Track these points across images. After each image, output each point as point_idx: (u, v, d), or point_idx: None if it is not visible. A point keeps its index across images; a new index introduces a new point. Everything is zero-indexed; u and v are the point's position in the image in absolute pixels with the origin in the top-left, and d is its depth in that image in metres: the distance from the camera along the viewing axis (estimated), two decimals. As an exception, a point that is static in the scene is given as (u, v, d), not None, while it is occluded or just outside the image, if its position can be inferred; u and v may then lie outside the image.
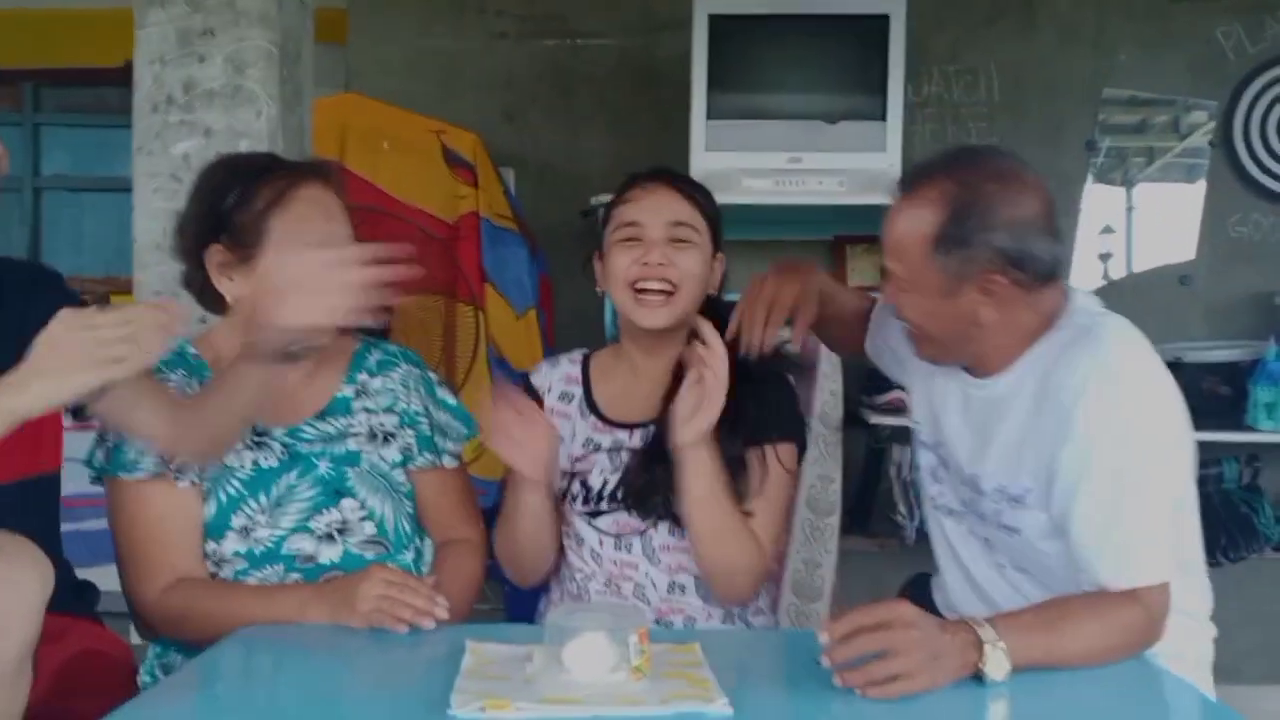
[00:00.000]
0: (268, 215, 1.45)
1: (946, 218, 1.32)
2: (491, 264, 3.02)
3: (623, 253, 1.56)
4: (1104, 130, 3.34)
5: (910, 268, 1.36)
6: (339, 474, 1.52)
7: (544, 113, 3.46)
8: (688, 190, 1.60)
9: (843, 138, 2.88)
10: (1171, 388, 1.36)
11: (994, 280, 1.33)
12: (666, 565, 1.56)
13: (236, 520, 1.47)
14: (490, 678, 1.13)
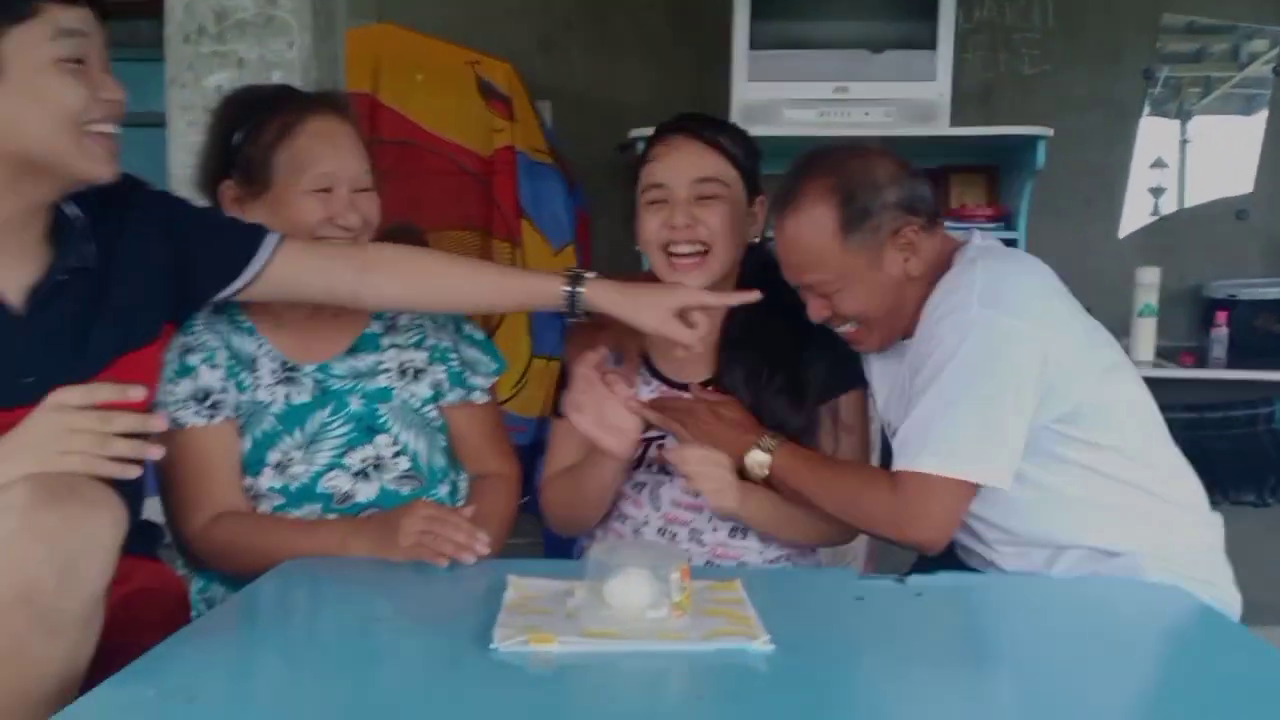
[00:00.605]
0: (274, 149, 1.44)
1: (840, 202, 1.40)
2: (528, 199, 2.98)
3: (651, 215, 1.53)
4: (1161, 59, 3.21)
5: (831, 268, 1.42)
6: (371, 410, 1.52)
7: (581, 42, 3.39)
8: (713, 139, 1.53)
9: (890, 66, 2.78)
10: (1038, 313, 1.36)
11: (904, 233, 1.41)
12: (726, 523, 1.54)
13: (272, 456, 1.48)
14: (532, 612, 1.13)
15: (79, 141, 1.18)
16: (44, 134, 1.16)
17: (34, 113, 1.15)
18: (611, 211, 3.28)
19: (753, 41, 2.80)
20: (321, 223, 1.45)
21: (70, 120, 1.17)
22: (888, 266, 1.42)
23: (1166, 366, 2.78)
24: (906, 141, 2.81)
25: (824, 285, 1.44)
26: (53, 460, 1.04)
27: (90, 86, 1.17)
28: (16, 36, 1.13)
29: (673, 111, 2.29)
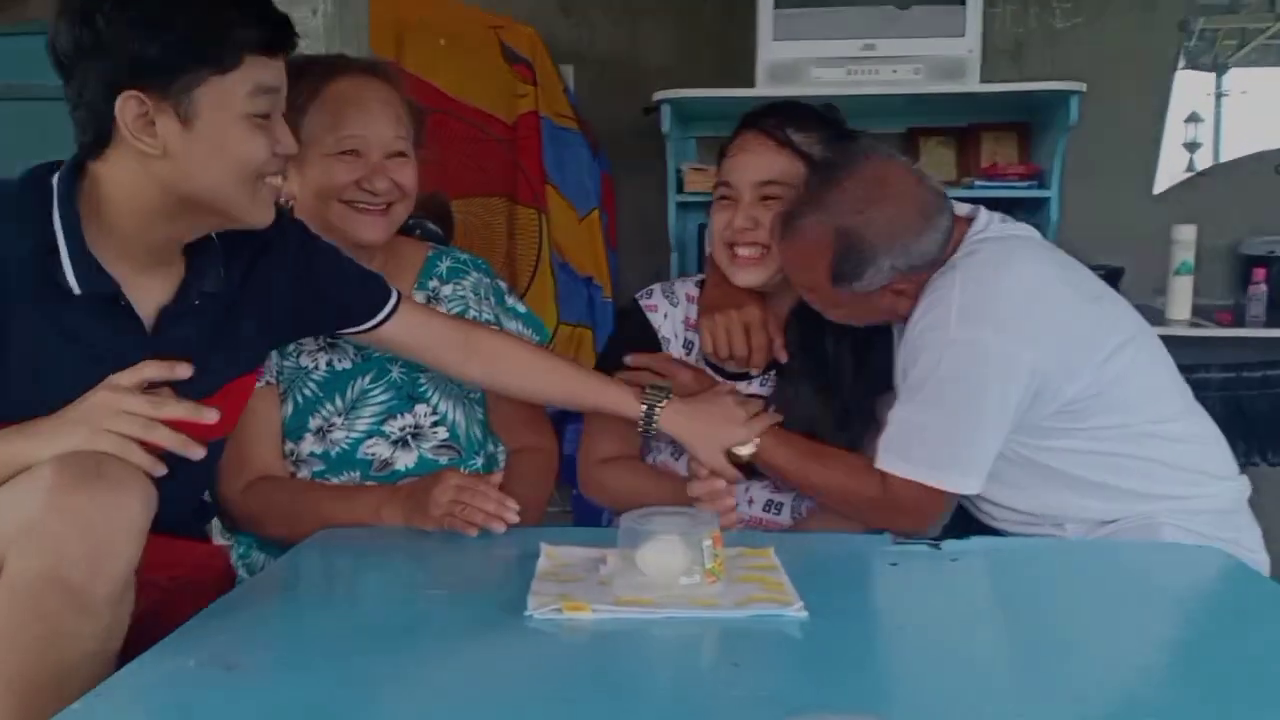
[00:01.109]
0: (303, 111, 1.42)
1: (833, 259, 1.39)
2: (553, 165, 2.97)
3: (719, 214, 1.54)
4: (1196, 10, 3.12)
5: (819, 297, 1.45)
6: (412, 379, 1.52)
7: (603, 5, 3.34)
8: (783, 137, 1.50)
9: (918, 22, 2.73)
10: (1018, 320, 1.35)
11: (896, 283, 1.40)
12: (772, 483, 1.54)
13: (314, 421, 1.49)
14: (565, 580, 1.13)
15: (253, 193, 1.17)
16: (221, 183, 1.15)
17: (215, 162, 1.14)
18: (636, 175, 3.25)
19: (778, 0, 2.76)
20: (347, 186, 1.44)
21: (249, 172, 1.16)
22: (875, 303, 1.43)
23: (1204, 326, 2.73)
24: (935, 99, 2.77)
25: (812, 300, 1.47)
26: (93, 438, 1.05)
27: (272, 138, 1.17)
28: (215, 86, 1.11)
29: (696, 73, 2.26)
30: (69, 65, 1.11)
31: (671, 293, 1.63)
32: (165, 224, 1.17)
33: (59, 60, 1.11)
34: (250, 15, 1.12)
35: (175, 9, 1.08)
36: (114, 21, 1.07)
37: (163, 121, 1.10)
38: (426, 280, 1.59)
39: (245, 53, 1.11)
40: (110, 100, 1.08)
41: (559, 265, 3.00)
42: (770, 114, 1.53)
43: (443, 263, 1.61)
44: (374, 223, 1.47)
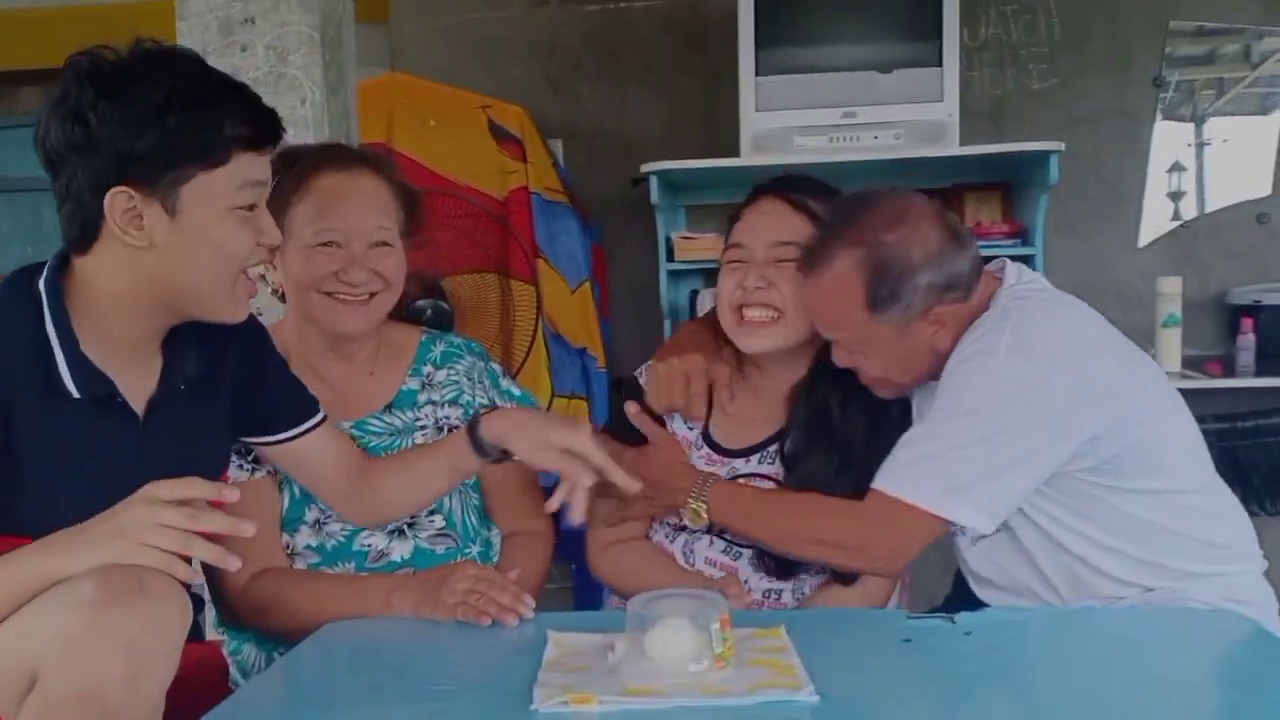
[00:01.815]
0: (287, 204, 1.44)
1: (869, 281, 1.35)
2: (544, 238, 3.00)
3: (728, 276, 1.50)
4: (1171, 64, 3.19)
5: (855, 334, 1.39)
6: None
7: (590, 80, 3.40)
8: (800, 200, 1.48)
9: (897, 88, 2.78)
10: (1073, 369, 1.32)
11: (935, 311, 1.37)
12: (766, 567, 1.52)
13: (310, 514, 1.47)
14: (573, 669, 1.11)
15: (232, 286, 1.18)
16: (203, 277, 1.16)
17: (200, 254, 1.14)
18: (627, 245, 3.28)
19: (759, 69, 2.81)
20: (326, 278, 1.45)
21: (233, 265, 1.17)
22: (914, 338, 1.38)
23: (1195, 377, 2.74)
24: (917, 163, 2.81)
25: (844, 345, 1.42)
26: (133, 552, 1.02)
27: (255, 231, 1.18)
28: (203, 181, 1.12)
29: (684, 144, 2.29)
30: (58, 161, 1.11)
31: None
32: (146, 317, 1.18)
33: (48, 156, 1.12)
34: (240, 113, 1.14)
35: (166, 108, 1.09)
36: (106, 120, 1.08)
37: (150, 215, 1.11)
38: (420, 366, 1.58)
39: (235, 149, 1.13)
40: (99, 195, 1.09)
41: (552, 337, 3.01)
42: (784, 181, 1.52)
43: (436, 347, 1.61)
44: (354, 313, 1.47)
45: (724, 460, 1.55)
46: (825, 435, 1.48)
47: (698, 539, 1.54)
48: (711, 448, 1.56)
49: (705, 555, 1.54)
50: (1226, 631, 1.22)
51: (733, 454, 1.55)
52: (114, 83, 1.08)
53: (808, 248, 1.41)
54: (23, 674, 1.00)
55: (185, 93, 1.10)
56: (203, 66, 1.15)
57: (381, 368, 1.56)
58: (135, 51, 1.11)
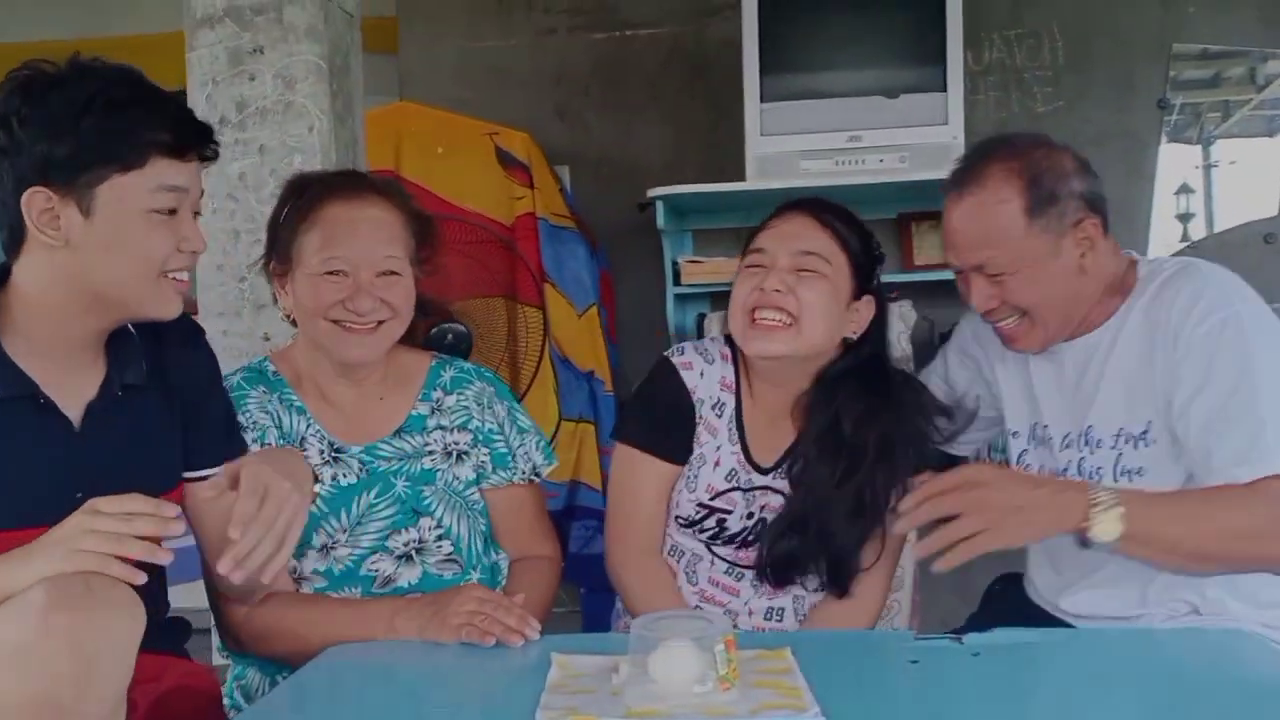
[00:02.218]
0: (296, 232, 1.48)
1: (1027, 186, 1.37)
2: (550, 263, 3.01)
3: (746, 280, 1.48)
4: (1176, 87, 3.20)
5: (1012, 249, 1.38)
6: (416, 493, 1.52)
7: (596, 107, 3.43)
8: (827, 219, 1.48)
9: (902, 112, 2.79)
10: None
11: (1085, 226, 1.39)
12: (767, 590, 1.52)
13: (317, 538, 1.47)
14: (576, 691, 1.11)
15: (155, 287, 1.20)
16: (121, 278, 1.18)
17: (115, 254, 1.17)
18: (634, 270, 3.29)
19: (763, 95, 2.82)
20: (333, 306, 1.46)
21: (149, 268, 1.19)
22: (1065, 257, 1.39)
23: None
24: (923, 185, 2.81)
25: (998, 267, 1.39)
26: (69, 558, 1.04)
27: (175, 236, 1.20)
28: (117, 184, 1.15)
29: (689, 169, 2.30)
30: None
31: (706, 351, 1.56)
32: (77, 318, 1.20)
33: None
34: (160, 119, 1.17)
35: (84, 111, 1.13)
36: (26, 123, 1.13)
37: (66, 214, 1.15)
38: (430, 391, 1.58)
39: (152, 153, 1.16)
40: (19, 196, 1.13)
41: (560, 361, 3.02)
42: (811, 200, 1.52)
43: (446, 373, 1.61)
44: (360, 341, 1.48)
45: (748, 470, 1.53)
46: (835, 448, 1.46)
47: (700, 560, 1.53)
48: (744, 449, 1.53)
49: (709, 575, 1.53)
50: (1242, 652, 1.20)
51: (758, 469, 1.54)
52: (40, 90, 1.14)
53: (953, 173, 1.43)
54: None
55: (104, 97, 1.13)
56: (130, 77, 1.18)
57: (391, 393, 1.56)
58: (70, 63, 1.16)
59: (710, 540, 1.53)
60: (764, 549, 1.48)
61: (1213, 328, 1.32)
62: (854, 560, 1.46)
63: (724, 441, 1.52)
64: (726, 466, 1.52)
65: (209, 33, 1.99)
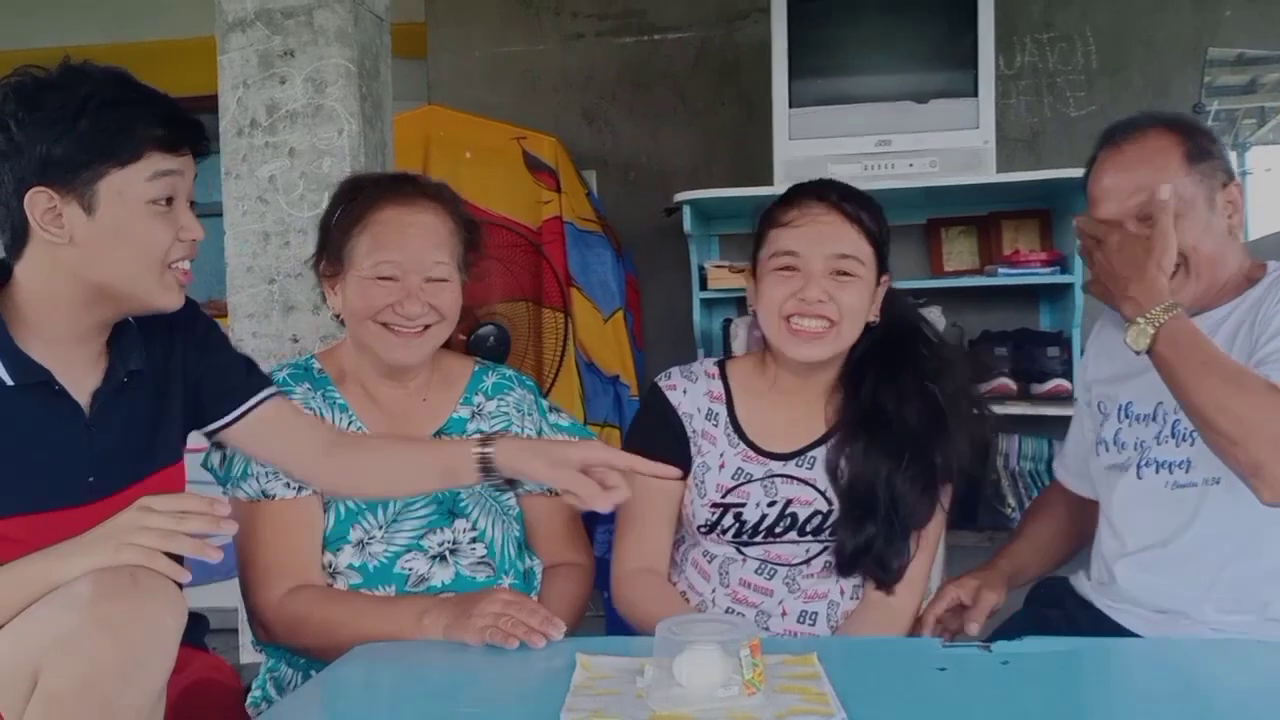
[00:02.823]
0: (349, 235, 1.48)
1: (1185, 137, 1.42)
2: (577, 267, 3.01)
3: (779, 283, 1.45)
4: (1211, 93, 3.16)
5: (1176, 191, 1.39)
6: (453, 494, 1.52)
7: (624, 111, 3.44)
8: (853, 213, 1.46)
9: (932, 117, 2.78)
10: None
11: (1231, 189, 1.43)
12: (803, 592, 1.51)
13: (354, 534, 1.48)
14: (600, 693, 1.10)
15: (159, 278, 1.23)
16: (126, 271, 1.21)
17: (119, 251, 1.20)
18: (661, 275, 3.29)
19: (792, 100, 2.82)
20: (383, 310, 1.46)
21: (153, 260, 1.22)
22: (1218, 215, 1.42)
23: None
24: (953, 190, 2.80)
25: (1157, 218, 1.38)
26: (119, 551, 1.07)
27: (175, 226, 1.22)
28: (116, 178, 1.17)
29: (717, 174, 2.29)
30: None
31: (690, 372, 1.60)
32: (83, 312, 1.23)
33: None
34: (154, 114, 1.19)
35: (80, 112, 1.15)
36: (25, 125, 1.15)
37: (69, 212, 1.17)
38: (472, 395, 1.59)
39: (146, 148, 1.18)
40: (22, 197, 1.16)
41: (585, 365, 3.02)
42: (833, 189, 1.49)
43: (489, 378, 1.62)
44: (407, 344, 1.49)
45: (762, 460, 1.53)
46: (884, 431, 1.46)
47: (732, 561, 1.53)
48: (747, 444, 1.54)
49: (740, 576, 1.52)
50: (1270, 660, 1.18)
51: (771, 456, 1.53)
52: (34, 93, 1.16)
53: (1109, 130, 1.47)
54: (25, 676, 1.03)
55: (98, 98, 1.16)
56: (121, 78, 1.20)
57: (434, 394, 1.57)
58: (61, 67, 1.19)
59: (735, 539, 1.52)
60: (844, 542, 1.48)
61: None
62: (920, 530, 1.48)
63: (724, 446, 1.54)
64: (732, 466, 1.53)
65: (240, 36, 2.01)
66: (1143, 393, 1.48)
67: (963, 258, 3.10)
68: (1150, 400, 1.48)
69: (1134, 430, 1.51)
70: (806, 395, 1.54)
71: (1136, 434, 1.51)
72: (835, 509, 1.49)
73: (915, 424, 1.46)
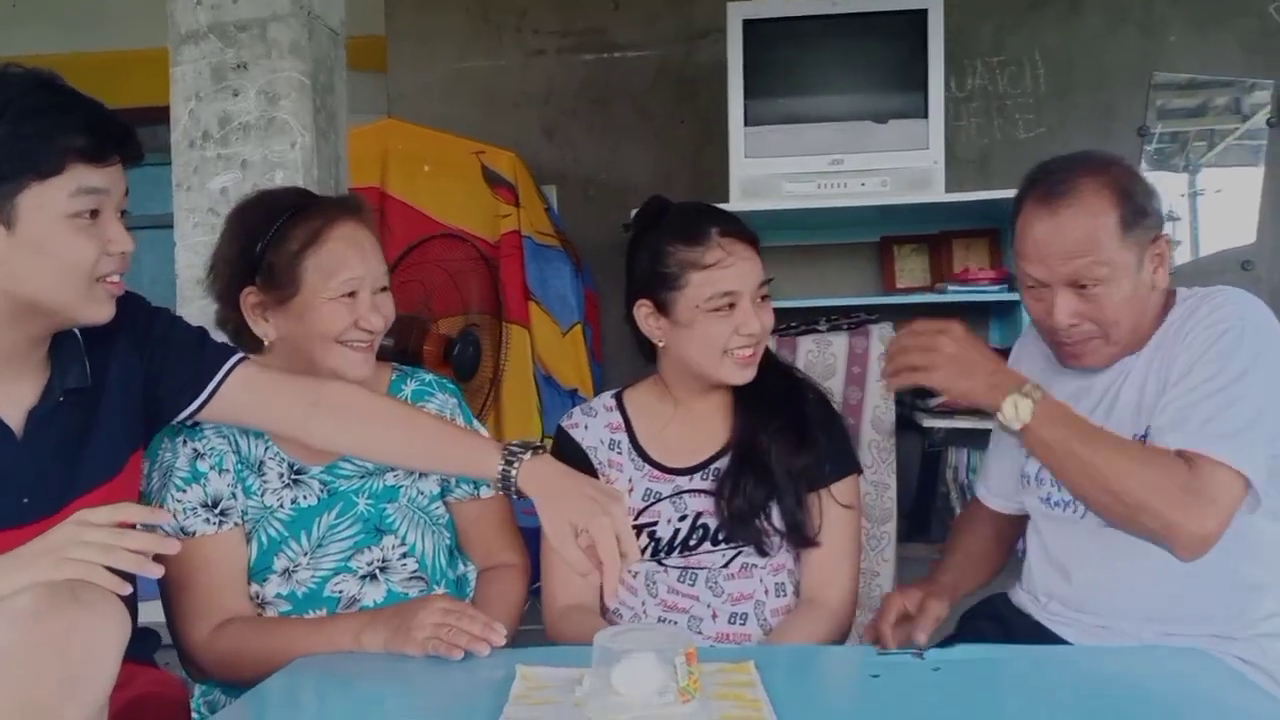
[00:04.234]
0: (302, 256, 1.44)
1: (1122, 199, 1.39)
2: (535, 281, 3.02)
3: (719, 322, 1.50)
4: (1159, 115, 3.24)
5: (1105, 259, 1.39)
6: (379, 510, 1.51)
7: (584, 128, 3.46)
8: (751, 238, 1.55)
9: (885, 137, 2.83)
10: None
11: (1160, 242, 1.42)
12: (729, 595, 1.53)
13: (279, 562, 1.46)
14: (539, 703, 1.11)
15: (85, 292, 1.19)
16: (50, 285, 1.17)
17: (41, 264, 1.15)
18: (620, 290, 3.29)
19: (748, 119, 2.86)
20: (348, 328, 1.46)
21: (78, 275, 1.17)
22: (1144, 272, 1.42)
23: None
24: (904, 209, 2.85)
25: (1094, 277, 1.39)
26: (58, 566, 1.04)
27: (101, 240, 1.18)
28: (36, 192, 1.13)
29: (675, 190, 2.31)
30: None
31: (589, 409, 1.66)
32: (12, 327, 1.19)
33: None
34: (75, 123, 1.14)
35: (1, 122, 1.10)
36: None
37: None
38: None
39: (68, 160, 1.13)
40: None
41: (543, 379, 3.02)
42: (728, 220, 1.55)
43: (408, 385, 1.61)
44: (364, 359, 1.49)
45: (668, 477, 1.57)
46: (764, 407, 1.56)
47: (659, 570, 1.55)
48: (652, 465, 1.59)
49: (667, 585, 1.54)
50: (1203, 671, 1.21)
51: (676, 472, 1.58)
52: None
53: (1045, 186, 1.43)
54: None
55: (16, 106, 1.11)
56: (43, 82, 1.15)
57: None
58: None
59: (653, 557, 1.55)
60: (722, 507, 1.52)
61: (1214, 326, 1.37)
62: (803, 504, 1.53)
63: (631, 471, 1.59)
64: (640, 489, 1.58)
65: (193, 48, 2.01)
66: None
67: (914, 275, 3.15)
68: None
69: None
70: (708, 410, 1.60)
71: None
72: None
73: (783, 398, 1.57)
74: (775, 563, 1.55)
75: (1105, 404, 1.46)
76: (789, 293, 2.98)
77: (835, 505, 1.55)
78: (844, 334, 2.43)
